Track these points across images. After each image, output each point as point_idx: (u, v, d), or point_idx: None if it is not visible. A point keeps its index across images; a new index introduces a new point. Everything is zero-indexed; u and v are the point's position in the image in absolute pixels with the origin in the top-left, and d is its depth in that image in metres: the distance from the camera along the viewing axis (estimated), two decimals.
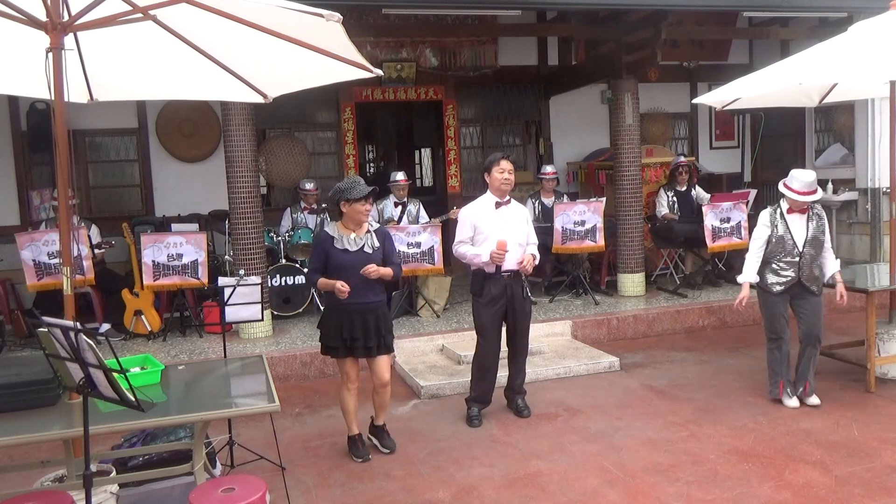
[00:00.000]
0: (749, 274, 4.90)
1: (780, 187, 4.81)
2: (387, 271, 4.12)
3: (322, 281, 4.11)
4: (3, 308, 7.02)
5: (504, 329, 4.85)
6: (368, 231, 4.16)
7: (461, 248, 4.71)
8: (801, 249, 4.74)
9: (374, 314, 4.15)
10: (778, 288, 4.81)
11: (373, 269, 4.02)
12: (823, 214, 4.89)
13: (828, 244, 4.85)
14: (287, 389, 5.64)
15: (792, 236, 4.75)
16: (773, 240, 4.79)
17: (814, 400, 4.87)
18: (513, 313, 4.75)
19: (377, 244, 4.16)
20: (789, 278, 4.77)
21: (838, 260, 4.96)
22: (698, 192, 8.20)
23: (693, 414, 4.79)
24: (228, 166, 6.55)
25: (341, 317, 4.11)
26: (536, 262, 4.78)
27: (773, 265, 4.81)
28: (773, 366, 4.92)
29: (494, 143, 10.12)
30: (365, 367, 4.32)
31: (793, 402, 4.85)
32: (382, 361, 4.22)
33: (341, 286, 3.97)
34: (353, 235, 4.11)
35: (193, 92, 4.07)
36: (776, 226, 4.79)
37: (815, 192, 4.69)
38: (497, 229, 4.61)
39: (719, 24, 9.36)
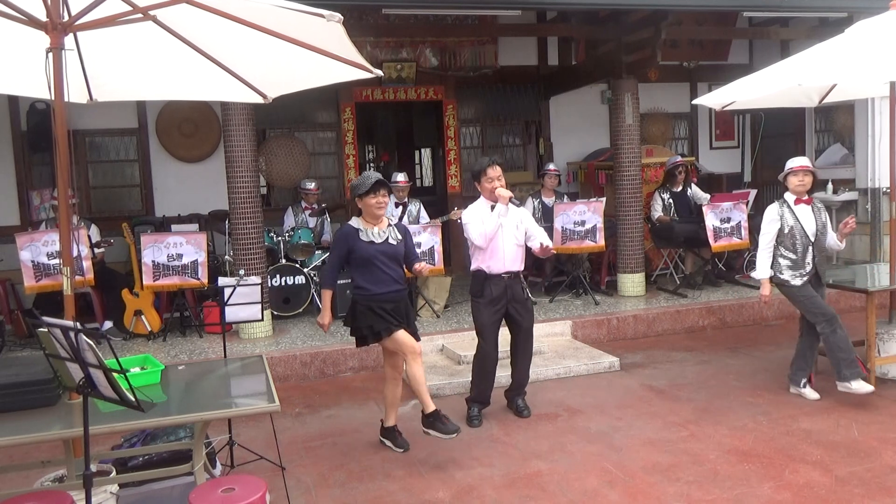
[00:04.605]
0: (764, 269, 4.92)
1: (781, 177, 4.93)
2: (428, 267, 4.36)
3: (325, 298, 4.28)
4: (3, 308, 7.02)
5: (507, 330, 4.84)
6: (390, 225, 4.27)
7: (479, 232, 4.57)
8: (812, 239, 4.83)
9: (404, 303, 4.26)
10: (798, 281, 4.85)
11: (424, 266, 4.24)
12: (823, 207, 5.01)
13: (830, 229, 4.98)
14: (287, 389, 5.64)
15: (802, 226, 4.83)
16: (785, 232, 4.85)
17: (815, 395, 4.95)
18: (515, 313, 4.74)
19: (399, 237, 4.27)
20: (807, 269, 4.83)
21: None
22: (695, 192, 8.20)
23: (693, 414, 4.79)
24: (228, 166, 6.55)
25: (374, 306, 4.15)
26: (551, 249, 4.71)
27: (789, 259, 4.86)
28: (842, 345, 4.73)
29: (494, 143, 10.12)
30: (377, 367, 4.35)
31: (868, 387, 4.72)
32: None
33: (325, 325, 4.26)
34: (375, 229, 4.20)
35: (193, 92, 4.07)
36: (785, 218, 4.85)
37: (810, 168, 4.83)
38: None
39: (719, 24, 9.35)
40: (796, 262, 4.85)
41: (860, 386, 4.71)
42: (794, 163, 4.90)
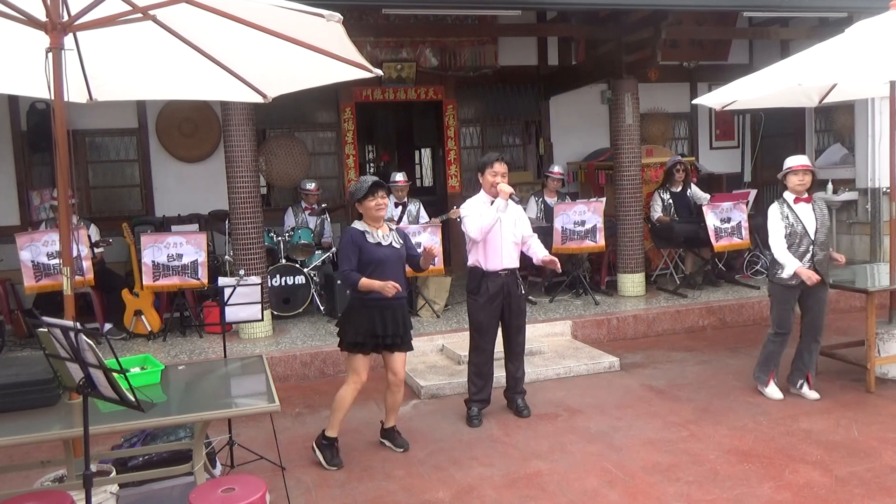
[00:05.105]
0: (791, 262, 4.78)
1: (780, 176, 4.92)
2: (428, 262, 4.32)
3: (366, 281, 4.02)
4: (3, 308, 7.01)
5: (500, 328, 4.85)
6: (391, 230, 4.28)
7: (475, 225, 4.58)
8: (812, 238, 4.82)
9: (402, 309, 4.26)
10: (794, 281, 4.84)
11: (434, 245, 4.26)
12: (824, 203, 5.03)
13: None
14: (287, 389, 5.63)
15: (804, 225, 4.82)
16: (787, 232, 4.84)
17: (814, 395, 4.94)
18: (509, 311, 4.76)
19: (401, 240, 4.29)
20: (805, 267, 4.81)
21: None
22: (694, 192, 8.19)
23: (693, 414, 4.79)
24: (228, 166, 6.55)
25: (372, 313, 4.12)
26: (556, 263, 4.78)
27: None
28: (773, 357, 5.01)
29: (494, 143, 10.12)
30: (376, 367, 4.36)
31: (778, 393, 4.99)
32: (401, 358, 4.29)
33: (393, 286, 3.97)
34: (379, 231, 4.20)
35: (193, 92, 4.07)
36: (787, 217, 4.85)
37: (810, 167, 4.85)
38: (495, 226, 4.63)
39: (719, 24, 9.35)
40: None
41: (773, 391, 5.01)
42: (794, 162, 4.89)
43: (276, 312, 7.04)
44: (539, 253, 4.78)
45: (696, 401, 5.05)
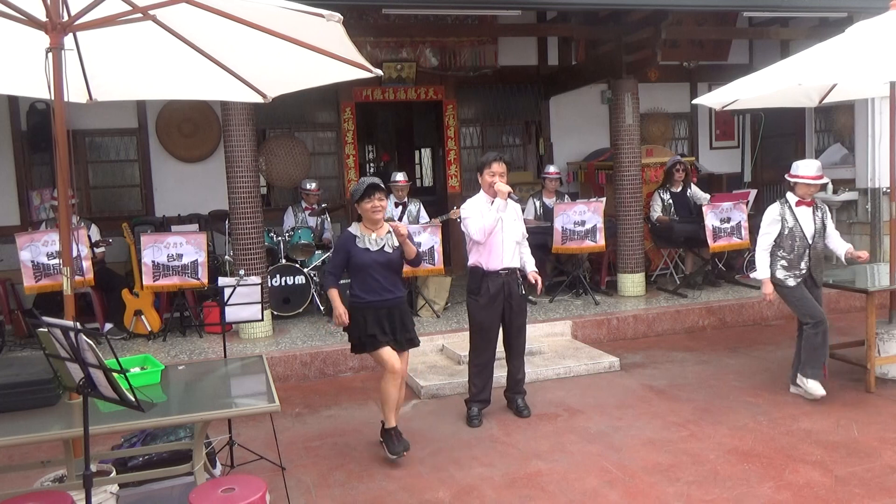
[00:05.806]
0: (763, 270, 4.95)
1: (789, 178, 4.90)
2: (411, 249, 4.25)
3: (333, 295, 4.20)
4: (3, 308, 7.01)
5: (501, 328, 4.85)
6: (389, 232, 4.25)
7: (477, 226, 4.59)
8: (810, 242, 4.84)
9: (399, 310, 4.25)
10: (792, 282, 4.88)
11: (402, 226, 4.19)
12: (825, 206, 5.04)
13: (832, 230, 5.00)
14: (287, 389, 5.64)
15: (802, 229, 4.84)
16: (785, 233, 4.86)
17: (821, 391, 4.92)
18: (510, 311, 4.76)
19: (396, 244, 4.25)
20: (802, 271, 4.86)
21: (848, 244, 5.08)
22: (694, 192, 8.19)
23: (693, 414, 4.79)
24: (228, 166, 6.55)
25: (367, 314, 4.15)
26: (540, 284, 4.92)
27: (786, 259, 4.88)
28: (819, 348, 4.84)
29: (494, 143, 10.12)
30: (376, 366, 4.37)
31: (821, 389, 4.84)
32: (404, 355, 4.31)
33: (340, 316, 4.16)
34: (373, 235, 4.20)
35: (193, 92, 4.07)
36: (785, 219, 4.85)
37: (822, 176, 4.86)
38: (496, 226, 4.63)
39: (719, 24, 9.36)
40: (792, 263, 4.87)
41: (815, 387, 4.82)
42: (808, 172, 4.84)
43: (276, 312, 7.04)
44: (528, 266, 4.85)
45: (696, 401, 5.05)
